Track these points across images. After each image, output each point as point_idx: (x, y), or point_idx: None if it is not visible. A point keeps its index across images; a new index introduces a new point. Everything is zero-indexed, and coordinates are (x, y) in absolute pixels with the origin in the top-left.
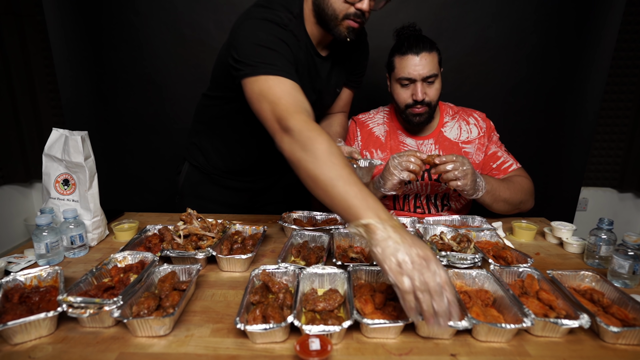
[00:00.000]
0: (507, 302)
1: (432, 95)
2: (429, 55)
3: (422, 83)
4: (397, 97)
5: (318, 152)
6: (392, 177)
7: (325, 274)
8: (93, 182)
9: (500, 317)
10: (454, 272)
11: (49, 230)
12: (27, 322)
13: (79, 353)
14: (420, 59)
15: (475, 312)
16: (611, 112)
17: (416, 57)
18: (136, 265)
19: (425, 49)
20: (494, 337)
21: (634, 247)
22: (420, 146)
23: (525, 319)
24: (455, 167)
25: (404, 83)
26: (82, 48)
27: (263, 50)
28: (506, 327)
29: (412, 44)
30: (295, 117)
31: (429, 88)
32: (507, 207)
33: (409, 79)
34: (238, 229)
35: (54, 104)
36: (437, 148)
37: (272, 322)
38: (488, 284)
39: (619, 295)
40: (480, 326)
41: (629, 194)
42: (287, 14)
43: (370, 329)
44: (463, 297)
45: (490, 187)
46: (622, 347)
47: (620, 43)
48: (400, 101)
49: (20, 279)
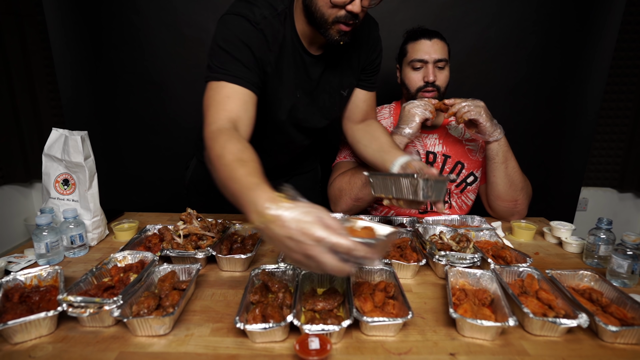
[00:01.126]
0: (501, 303)
1: (442, 79)
2: (441, 42)
3: (434, 66)
4: (409, 81)
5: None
6: (413, 118)
7: (325, 273)
8: (93, 182)
9: (492, 317)
10: (458, 270)
11: (49, 230)
12: (27, 321)
13: (79, 352)
14: (433, 44)
15: (464, 309)
16: (611, 112)
17: (428, 41)
18: (136, 265)
19: (437, 36)
20: (477, 333)
21: (633, 247)
22: (424, 139)
23: (510, 319)
24: (470, 103)
25: (416, 66)
26: (82, 48)
27: (220, 53)
28: (484, 324)
29: (425, 31)
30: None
31: (440, 72)
32: (509, 183)
33: (421, 60)
34: (238, 229)
35: (54, 104)
36: (441, 143)
37: (272, 322)
38: (490, 284)
39: (618, 295)
40: (461, 321)
41: (629, 194)
42: (267, 11)
43: (369, 326)
44: (460, 293)
45: (505, 142)
46: (621, 346)
47: (620, 43)
48: (412, 84)
49: (20, 279)
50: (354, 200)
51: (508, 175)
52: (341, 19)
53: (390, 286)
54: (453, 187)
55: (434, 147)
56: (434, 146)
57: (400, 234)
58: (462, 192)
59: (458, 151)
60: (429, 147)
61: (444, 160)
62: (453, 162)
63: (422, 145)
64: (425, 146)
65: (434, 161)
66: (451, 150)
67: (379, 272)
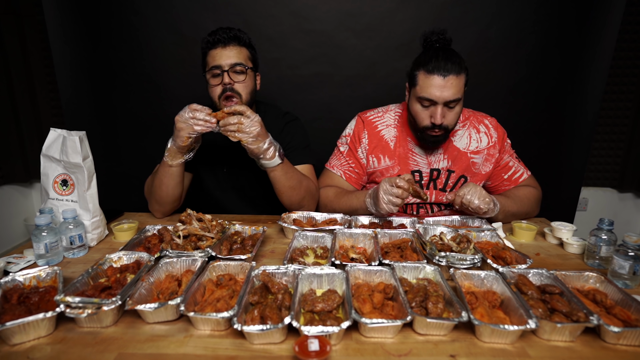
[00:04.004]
0: (514, 304)
1: (450, 119)
2: (457, 78)
3: (443, 107)
4: (416, 116)
5: None
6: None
7: (324, 274)
8: (92, 182)
9: (507, 319)
10: (463, 272)
11: (48, 230)
12: (25, 322)
13: (78, 353)
14: (446, 82)
15: (480, 313)
16: (611, 112)
17: (442, 79)
18: (132, 265)
19: (453, 71)
20: (497, 338)
21: (634, 248)
22: (429, 156)
23: (530, 321)
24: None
25: (424, 104)
26: (81, 48)
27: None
28: (509, 329)
29: (441, 64)
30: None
31: (449, 112)
32: (513, 219)
33: (431, 101)
34: (237, 229)
35: (54, 104)
36: (446, 158)
37: (270, 323)
38: (497, 285)
39: (622, 297)
40: (483, 327)
41: (629, 194)
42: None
43: (368, 328)
44: (470, 297)
45: (502, 206)
46: (623, 347)
47: (620, 43)
48: (419, 121)
49: (19, 279)
50: (341, 212)
51: (512, 217)
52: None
53: (389, 287)
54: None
55: (439, 164)
56: (439, 162)
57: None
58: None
59: (462, 165)
60: (433, 165)
61: (448, 175)
62: (457, 177)
63: (426, 163)
64: (430, 164)
65: (437, 177)
66: (455, 165)
67: (378, 273)
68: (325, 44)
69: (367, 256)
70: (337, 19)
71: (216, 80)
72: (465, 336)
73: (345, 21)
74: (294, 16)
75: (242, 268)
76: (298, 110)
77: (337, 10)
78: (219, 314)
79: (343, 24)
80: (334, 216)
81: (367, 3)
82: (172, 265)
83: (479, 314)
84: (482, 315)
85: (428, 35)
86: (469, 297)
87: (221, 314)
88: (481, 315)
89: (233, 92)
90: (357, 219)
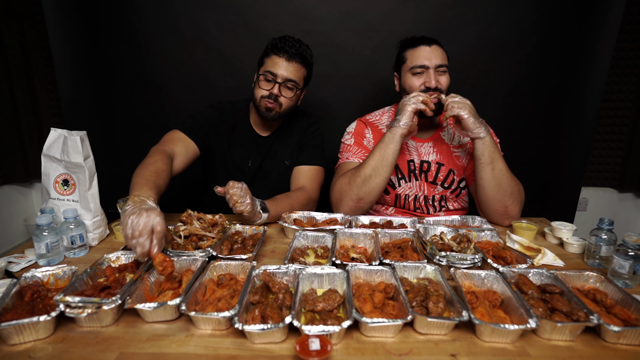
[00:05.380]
0: (514, 304)
1: (444, 83)
2: (439, 48)
3: (435, 71)
4: (410, 88)
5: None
6: (405, 109)
7: (325, 274)
8: (93, 182)
9: (507, 318)
10: (463, 272)
11: (49, 230)
12: (20, 324)
13: (79, 353)
14: (432, 50)
15: (481, 313)
16: (611, 112)
17: (428, 47)
18: (131, 265)
19: (436, 42)
20: (498, 337)
21: (634, 247)
22: (419, 148)
23: (530, 320)
24: (458, 99)
25: (416, 72)
26: (81, 48)
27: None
28: (509, 328)
29: (424, 38)
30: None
31: (441, 77)
32: (497, 186)
33: (422, 66)
34: (238, 229)
35: (54, 104)
36: (435, 151)
37: (271, 323)
38: (497, 285)
39: (622, 296)
40: (483, 327)
41: (629, 194)
42: (229, 106)
43: (369, 327)
44: (470, 297)
45: (491, 141)
46: (623, 347)
47: (620, 43)
48: (414, 90)
49: (38, 276)
50: (355, 202)
51: (495, 177)
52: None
53: (389, 287)
54: (448, 193)
55: (428, 156)
56: (428, 155)
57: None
58: (458, 197)
59: (450, 159)
60: (423, 157)
61: (438, 168)
62: (446, 170)
63: (417, 154)
64: (420, 155)
65: (428, 170)
66: (444, 159)
67: (378, 273)
68: (326, 44)
69: (368, 256)
70: (337, 19)
71: (267, 85)
72: (465, 335)
73: (345, 21)
74: (294, 16)
75: (243, 268)
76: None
77: (337, 10)
78: (220, 314)
79: (343, 24)
80: (335, 216)
81: (367, 3)
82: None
83: (480, 313)
84: (482, 315)
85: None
86: (470, 297)
87: (222, 314)
88: (482, 314)
89: (276, 103)
90: (358, 218)
